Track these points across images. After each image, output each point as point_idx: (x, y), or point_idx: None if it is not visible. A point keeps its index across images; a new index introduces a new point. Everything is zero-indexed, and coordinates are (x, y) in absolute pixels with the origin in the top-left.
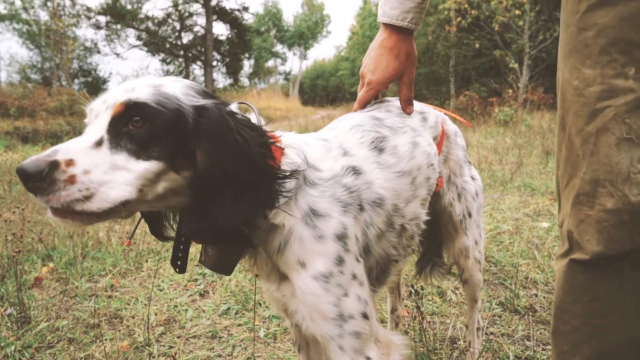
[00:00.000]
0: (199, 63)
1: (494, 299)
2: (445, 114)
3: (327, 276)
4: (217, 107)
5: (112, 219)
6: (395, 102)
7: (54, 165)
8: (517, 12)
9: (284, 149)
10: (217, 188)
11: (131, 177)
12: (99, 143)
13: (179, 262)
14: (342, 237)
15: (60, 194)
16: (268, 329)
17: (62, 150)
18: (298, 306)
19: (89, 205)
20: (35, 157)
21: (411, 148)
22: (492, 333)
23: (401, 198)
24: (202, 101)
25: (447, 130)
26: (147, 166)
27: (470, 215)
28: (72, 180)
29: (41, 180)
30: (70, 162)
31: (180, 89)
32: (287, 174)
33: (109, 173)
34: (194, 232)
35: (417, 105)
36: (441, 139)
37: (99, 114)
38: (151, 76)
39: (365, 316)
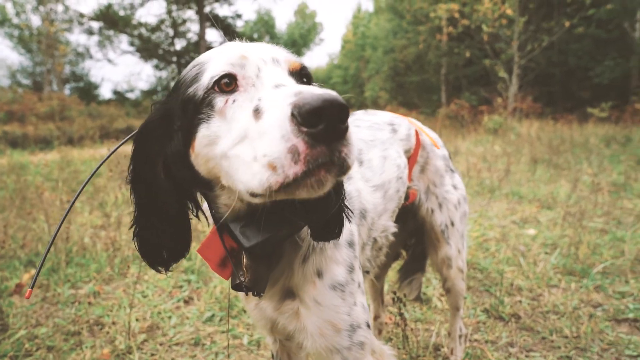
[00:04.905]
0: None
1: (479, 305)
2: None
3: (343, 285)
4: None
5: None
6: (362, 116)
7: None
8: (503, 21)
9: None
10: None
11: None
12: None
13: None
14: (351, 244)
15: (350, 144)
16: (252, 336)
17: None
18: (305, 323)
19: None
20: (322, 92)
21: (382, 162)
22: (476, 340)
23: (376, 211)
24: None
25: (423, 140)
26: None
27: (452, 224)
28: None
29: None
30: None
31: None
32: None
33: None
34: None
35: (388, 116)
36: (416, 150)
37: (260, 65)
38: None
39: (368, 325)
